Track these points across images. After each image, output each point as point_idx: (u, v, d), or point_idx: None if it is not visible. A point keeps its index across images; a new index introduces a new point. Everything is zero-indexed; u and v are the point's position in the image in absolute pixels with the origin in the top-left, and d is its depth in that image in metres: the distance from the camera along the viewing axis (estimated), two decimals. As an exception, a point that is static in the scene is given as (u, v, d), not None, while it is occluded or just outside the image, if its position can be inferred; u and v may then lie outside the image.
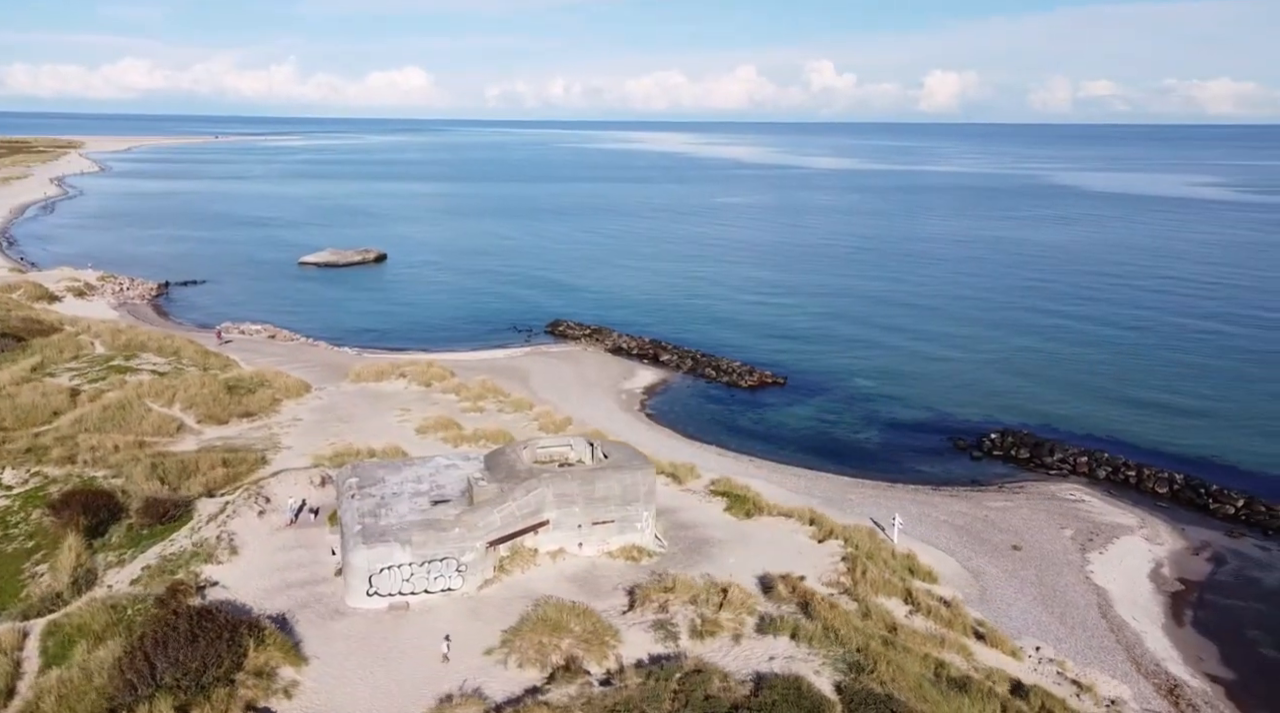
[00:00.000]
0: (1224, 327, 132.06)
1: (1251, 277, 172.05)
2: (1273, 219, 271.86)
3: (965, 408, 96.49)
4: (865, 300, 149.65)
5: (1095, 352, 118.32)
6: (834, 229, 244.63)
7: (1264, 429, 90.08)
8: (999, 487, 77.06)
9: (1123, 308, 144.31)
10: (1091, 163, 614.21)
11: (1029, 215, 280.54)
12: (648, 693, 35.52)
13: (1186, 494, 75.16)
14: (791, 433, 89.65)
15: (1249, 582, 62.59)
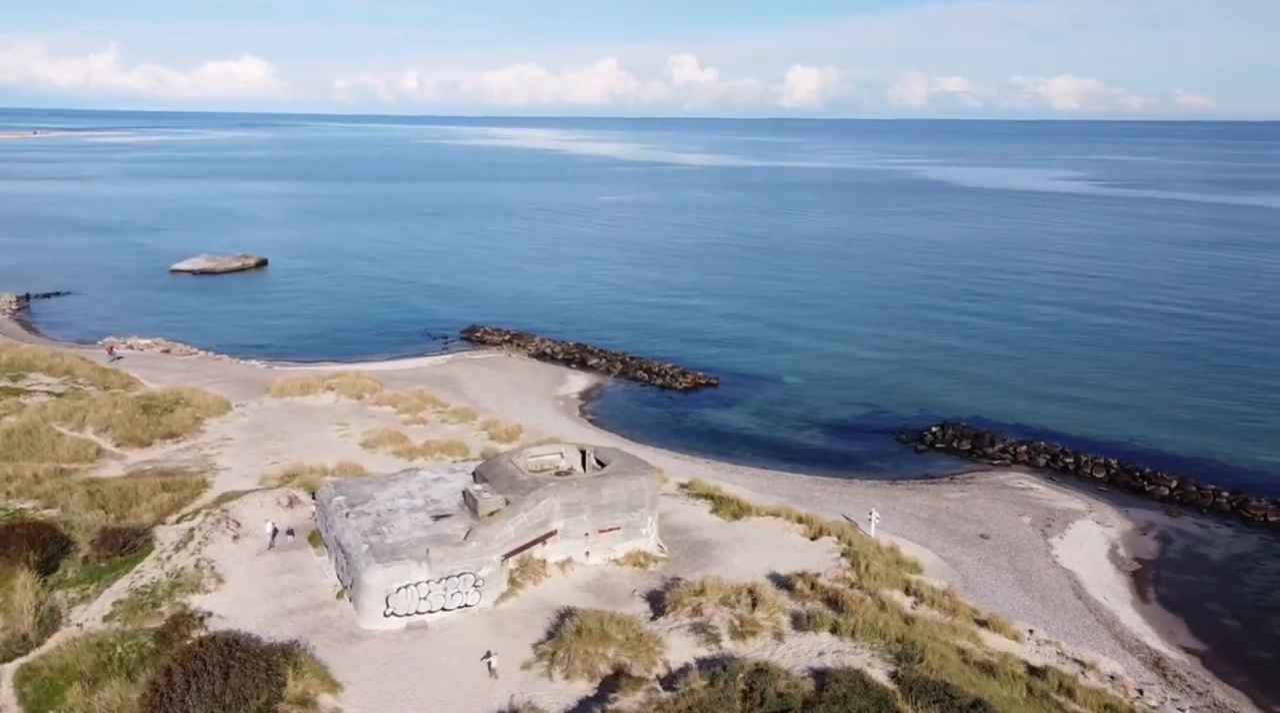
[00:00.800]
0: (1118, 318, 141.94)
1: (1128, 269, 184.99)
2: (1131, 212, 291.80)
3: (898, 403, 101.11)
4: (778, 300, 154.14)
5: (1008, 345, 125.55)
6: (727, 227, 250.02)
7: (1177, 415, 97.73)
8: (950, 479, 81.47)
9: (1023, 302, 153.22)
10: (954, 158, 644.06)
11: (909, 210, 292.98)
12: (718, 695, 36.98)
13: (1122, 478, 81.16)
14: (738, 434, 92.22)
15: (1197, 558, 68.33)
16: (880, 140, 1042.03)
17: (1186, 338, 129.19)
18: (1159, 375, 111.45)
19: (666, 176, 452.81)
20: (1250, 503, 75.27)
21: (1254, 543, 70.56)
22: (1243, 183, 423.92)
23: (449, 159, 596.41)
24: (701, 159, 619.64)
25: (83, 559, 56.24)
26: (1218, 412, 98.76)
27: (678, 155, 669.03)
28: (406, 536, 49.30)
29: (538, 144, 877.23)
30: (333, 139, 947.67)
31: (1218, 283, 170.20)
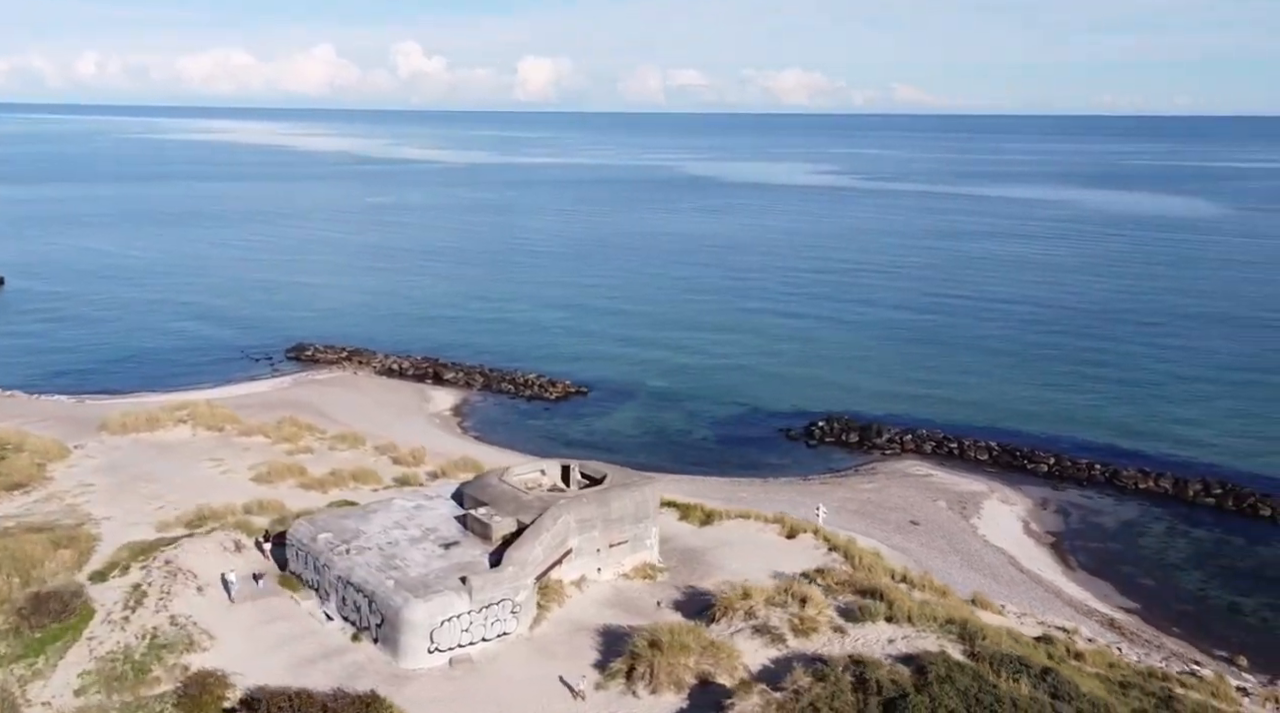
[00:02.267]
0: (935, 309, 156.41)
1: (920, 260, 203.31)
2: (900, 204, 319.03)
3: (767, 401, 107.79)
4: (605, 303, 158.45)
5: (846, 340, 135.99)
6: (516, 229, 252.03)
7: (1022, 396, 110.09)
8: (856, 471, 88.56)
9: (841, 297, 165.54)
10: (710, 152, 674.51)
11: (691, 207, 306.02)
12: (830, 689, 40.45)
13: (1004, 459, 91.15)
14: (631, 440, 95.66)
15: (1096, 526, 78.42)
16: (626, 135, 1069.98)
17: (997, 324, 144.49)
18: (990, 360, 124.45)
19: (421, 175, 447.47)
20: (1121, 473, 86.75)
21: (1135, 509, 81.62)
22: (985, 175, 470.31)
23: (169, 157, 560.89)
24: (451, 155, 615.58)
25: (14, 630, 52.16)
26: (1054, 390, 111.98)
27: (424, 151, 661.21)
28: (426, 567, 49.48)
29: (258, 139, 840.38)
30: (13, 134, 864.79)
31: (1001, 270, 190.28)
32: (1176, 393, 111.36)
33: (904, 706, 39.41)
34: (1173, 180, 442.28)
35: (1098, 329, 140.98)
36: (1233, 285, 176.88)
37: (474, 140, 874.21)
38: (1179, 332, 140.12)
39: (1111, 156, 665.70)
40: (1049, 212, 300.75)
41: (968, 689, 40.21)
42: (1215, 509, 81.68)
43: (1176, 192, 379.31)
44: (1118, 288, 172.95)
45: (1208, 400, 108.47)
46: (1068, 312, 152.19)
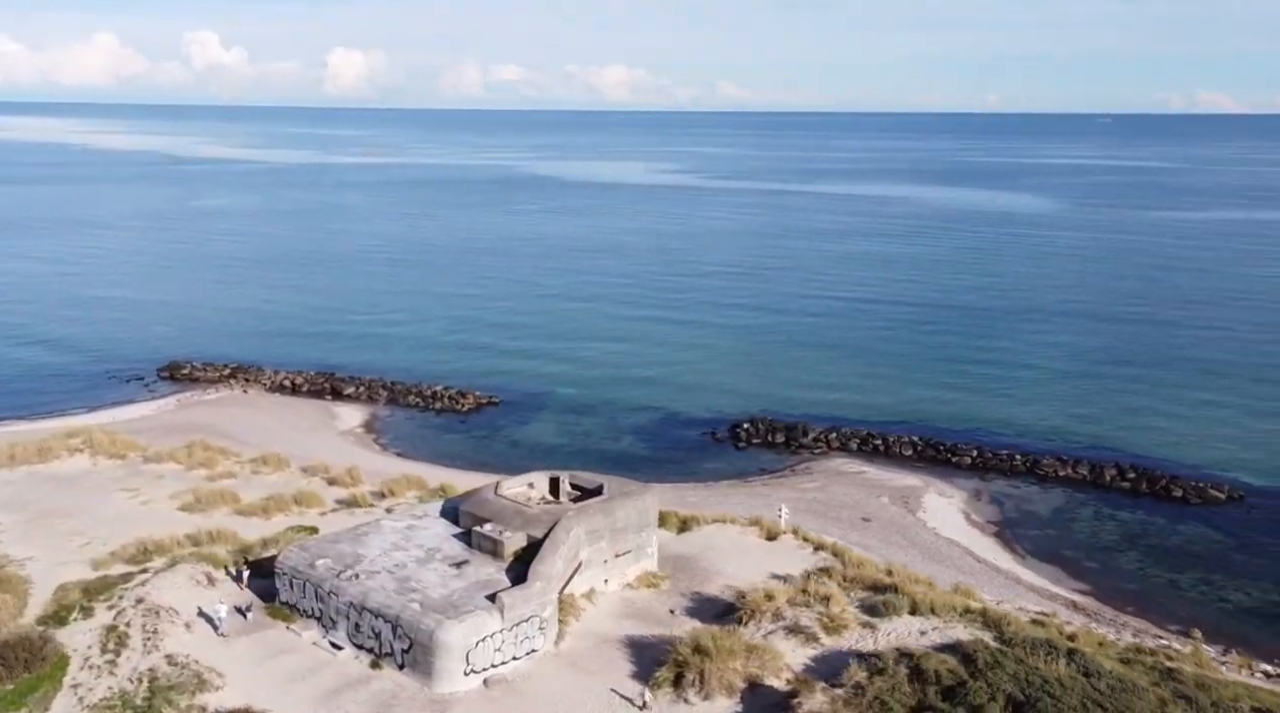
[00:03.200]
0: (821, 306, 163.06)
1: (789, 259, 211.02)
2: (752, 203, 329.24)
3: (683, 404, 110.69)
4: (496, 310, 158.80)
5: (755, 339, 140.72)
6: (376, 232, 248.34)
7: (937, 391, 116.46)
8: (791, 470, 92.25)
9: (741, 295, 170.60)
10: (545, 151, 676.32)
11: (547, 208, 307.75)
12: (890, 683, 43.17)
13: (929, 453, 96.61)
14: (557, 449, 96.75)
15: (1030, 514, 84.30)
16: (449, 132, 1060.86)
17: (880, 322, 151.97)
18: (883, 358, 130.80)
19: (243, 176, 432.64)
20: (1041, 463, 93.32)
21: (1061, 497, 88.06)
22: (826, 172, 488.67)
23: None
24: (266, 154, 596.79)
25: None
26: (952, 386, 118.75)
27: (235, 150, 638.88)
28: (446, 588, 49.79)
29: (36, 136, 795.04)
30: None
31: (869, 268, 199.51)
32: (1066, 384, 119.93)
33: (962, 693, 42.48)
34: (998, 176, 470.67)
35: (976, 324, 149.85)
36: (1087, 279, 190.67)
37: (287, 138, 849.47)
38: (1052, 325, 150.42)
39: (938, 153, 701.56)
40: (894, 208, 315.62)
41: (1016, 673, 43.63)
42: (1131, 493, 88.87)
43: (1006, 187, 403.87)
44: (983, 283, 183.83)
45: (1098, 391, 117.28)
46: (943, 308, 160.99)
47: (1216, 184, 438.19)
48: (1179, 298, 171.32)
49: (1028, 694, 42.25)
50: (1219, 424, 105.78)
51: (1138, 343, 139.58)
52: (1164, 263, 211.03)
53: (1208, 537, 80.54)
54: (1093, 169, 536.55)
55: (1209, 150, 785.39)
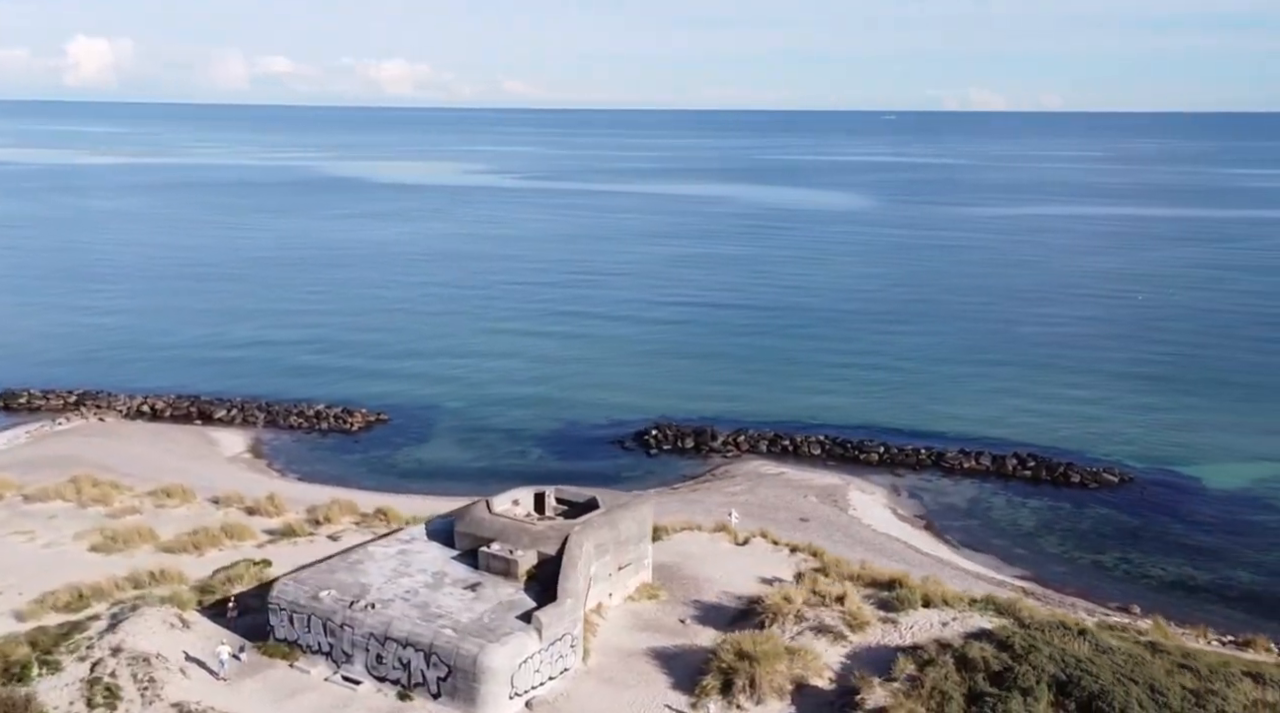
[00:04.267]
0: (689, 306, 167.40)
1: (643, 260, 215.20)
2: (581, 204, 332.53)
3: (584, 412, 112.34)
4: (353, 322, 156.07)
5: (635, 344, 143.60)
6: (187, 245, 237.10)
7: (824, 388, 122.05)
8: (711, 474, 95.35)
9: (606, 300, 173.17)
10: (338, 151, 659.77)
11: (364, 212, 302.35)
12: (941, 672, 46.42)
13: (837, 451, 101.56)
14: (470, 466, 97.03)
15: (949, 506, 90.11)
16: (225, 130, 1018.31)
17: (751, 323, 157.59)
18: (763, 360, 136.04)
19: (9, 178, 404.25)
20: (945, 456, 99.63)
21: (972, 488, 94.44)
22: (638, 172, 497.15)
23: None
24: (10, 154, 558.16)
25: (-37, 753, 46.74)
26: (836, 383, 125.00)
27: None
28: (471, 611, 50.07)
29: None
30: None
31: (722, 269, 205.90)
32: (940, 380, 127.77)
33: (1010, 677, 46.20)
34: (805, 173, 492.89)
35: (838, 324, 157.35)
36: (923, 275, 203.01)
37: (23, 135, 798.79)
38: (908, 322, 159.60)
39: (740, 150, 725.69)
40: (716, 207, 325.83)
41: (1051, 655, 47.73)
42: (1033, 481, 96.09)
43: (816, 184, 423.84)
44: (830, 282, 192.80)
45: (972, 386, 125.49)
46: (800, 309, 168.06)
47: (1010, 180, 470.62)
48: (1014, 292, 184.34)
49: (1069, 674, 46.33)
50: (1092, 414, 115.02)
51: (990, 337, 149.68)
52: (989, 258, 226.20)
53: (1114, 518, 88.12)
54: (893, 166, 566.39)
55: (992, 147, 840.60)
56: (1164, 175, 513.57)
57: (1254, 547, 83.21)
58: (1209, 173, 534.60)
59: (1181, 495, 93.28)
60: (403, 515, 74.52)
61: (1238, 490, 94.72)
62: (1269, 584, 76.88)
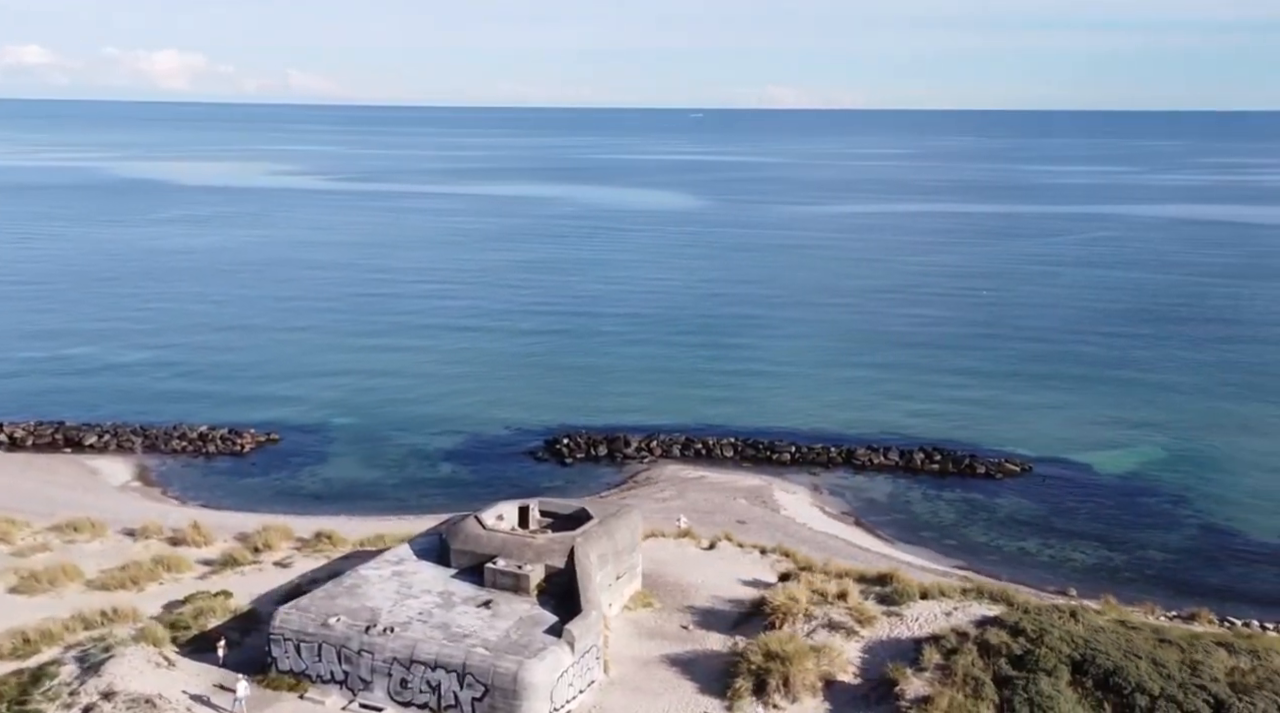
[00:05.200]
0: (559, 312, 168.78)
1: (496, 265, 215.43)
2: (412, 206, 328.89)
3: (485, 424, 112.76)
4: (205, 337, 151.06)
5: (520, 350, 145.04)
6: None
7: (734, 392, 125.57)
8: (634, 481, 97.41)
9: (472, 308, 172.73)
10: (128, 150, 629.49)
11: (179, 216, 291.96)
12: (969, 661, 49.76)
13: (749, 452, 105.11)
14: (383, 484, 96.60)
15: (870, 502, 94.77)
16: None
17: (625, 325, 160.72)
18: (650, 361, 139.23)
19: None
20: (855, 453, 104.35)
21: (886, 483, 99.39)
22: (459, 173, 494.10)
23: None
24: None
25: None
26: (728, 384, 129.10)
27: None
28: (495, 628, 50.65)
29: None
30: None
31: (583, 272, 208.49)
32: (830, 378, 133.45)
33: (1032, 660, 49.98)
34: (627, 172, 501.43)
35: (712, 325, 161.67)
36: (779, 273, 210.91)
37: None
38: (784, 322, 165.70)
39: (555, 149, 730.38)
40: (551, 209, 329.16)
41: (1062, 637, 51.83)
42: (941, 474, 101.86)
43: (641, 184, 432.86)
44: (691, 283, 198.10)
45: (861, 382, 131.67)
46: (672, 311, 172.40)
47: (831, 177, 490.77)
48: (870, 291, 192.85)
49: (1083, 654, 50.44)
50: (978, 408, 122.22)
51: (863, 337, 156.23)
52: (835, 257, 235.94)
53: (1025, 506, 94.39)
54: (714, 165, 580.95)
55: (805, 144, 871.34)
56: (973, 172, 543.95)
57: (1155, 527, 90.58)
58: (1012, 169, 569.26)
59: (1077, 483, 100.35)
60: (348, 539, 73.72)
61: (1123, 475, 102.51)
62: (1180, 562, 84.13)
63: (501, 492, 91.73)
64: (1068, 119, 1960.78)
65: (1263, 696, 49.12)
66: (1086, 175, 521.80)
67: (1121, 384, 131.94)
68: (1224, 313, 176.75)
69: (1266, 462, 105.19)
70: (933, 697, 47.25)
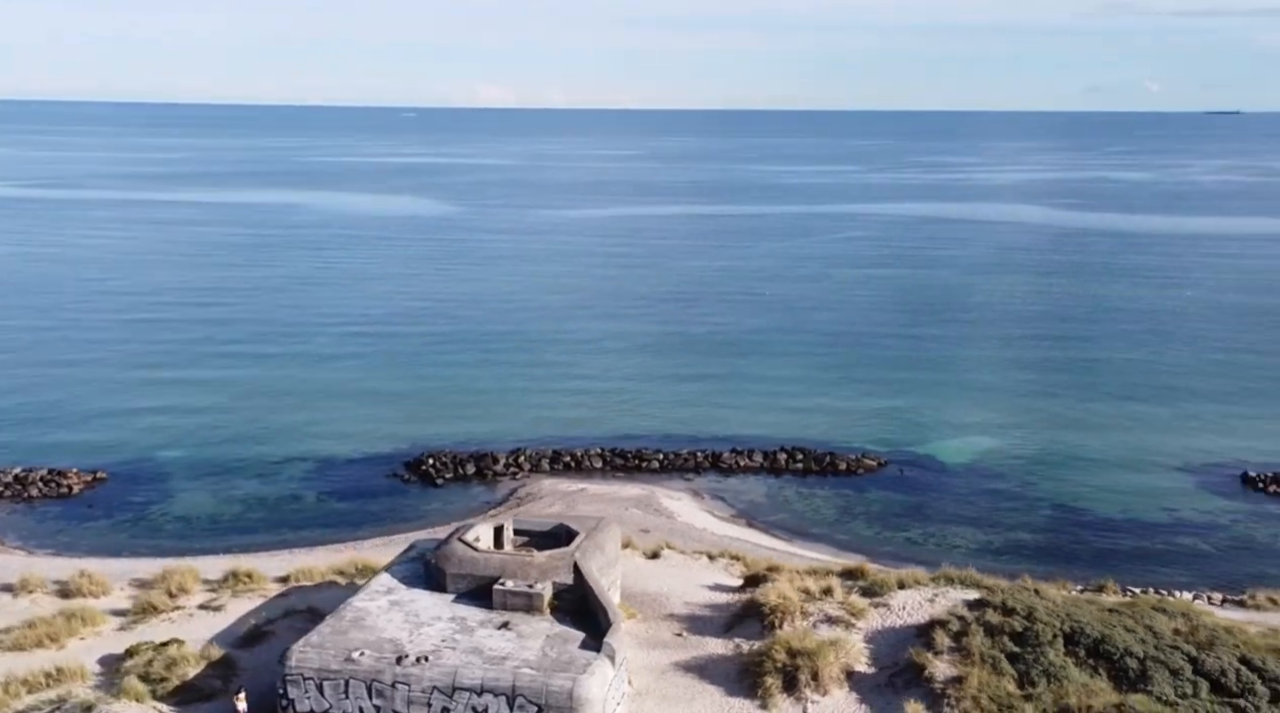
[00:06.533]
0: (382, 326, 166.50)
1: (251, 277, 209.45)
2: (152, 217, 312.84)
3: (331, 449, 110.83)
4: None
5: (340, 368, 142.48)
6: None
7: (569, 402, 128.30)
8: (515, 496, 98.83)
9: (273, 325, 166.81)
10: None
11: None
12: (983, 644, 55.23)
13: (618, 462, 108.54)
14: (247, 517, 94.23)
15: (751, 503, 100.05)
16: None
17: (427, 344, 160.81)
18: (483, 372, 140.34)
19: None
20: (721, 457, 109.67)
21: (759, 484, 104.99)
22: (163, 176, 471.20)
23: None
24: None
25: None
26: (577, 392, 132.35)
27: None
28: (526, 649, 52.03)
29: None
30: None
31: (338, 287, 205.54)
32: (666, 382, 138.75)
33: (1031, 636, 56.08)
34: (367, 176, 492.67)
35: (521, 336, 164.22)
36: (570, 282, 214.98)
37: None
38: (593, 334, 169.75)
39: (281, 152, 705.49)
40: (302, 216, 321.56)
41: (1049, 611, 58.30)
42: (805, 472, 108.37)
43: (382, 189, 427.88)
44: (480, 292, 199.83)
45: (697, 387, 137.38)
46: (474, 323, 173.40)
47: (570, 179, 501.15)
48: (659, 296, 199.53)
49: (1071, 627, 56.99)
50: (812, 406, 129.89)
51: (672, 343, 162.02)
52: (609, 261, 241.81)
53: (894, 499, 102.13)
54: (445, 168, 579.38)
55: (531, 144, 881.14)
56: (706, 173, 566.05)
57: (1015, 510, 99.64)
58: (744, 169, 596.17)
59: (930, 474, 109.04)
60: (265, 576, 72.54)
61: (966, 465, 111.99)
62: (1050, 540, 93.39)
63: (386, 519, 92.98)
64: (764, 119, 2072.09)
65: (1221, 650, 56.88)
66: (816, 175, 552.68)
67: (936, 380, 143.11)
68: (998, 307, 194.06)
69: (1082, 442, 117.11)
70: (963, 677, 52.29)
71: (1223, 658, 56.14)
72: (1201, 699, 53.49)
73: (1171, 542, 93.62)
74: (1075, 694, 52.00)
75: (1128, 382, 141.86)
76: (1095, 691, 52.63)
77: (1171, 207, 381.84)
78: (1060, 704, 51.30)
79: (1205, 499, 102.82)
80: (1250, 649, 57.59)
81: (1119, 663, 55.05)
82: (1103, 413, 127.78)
